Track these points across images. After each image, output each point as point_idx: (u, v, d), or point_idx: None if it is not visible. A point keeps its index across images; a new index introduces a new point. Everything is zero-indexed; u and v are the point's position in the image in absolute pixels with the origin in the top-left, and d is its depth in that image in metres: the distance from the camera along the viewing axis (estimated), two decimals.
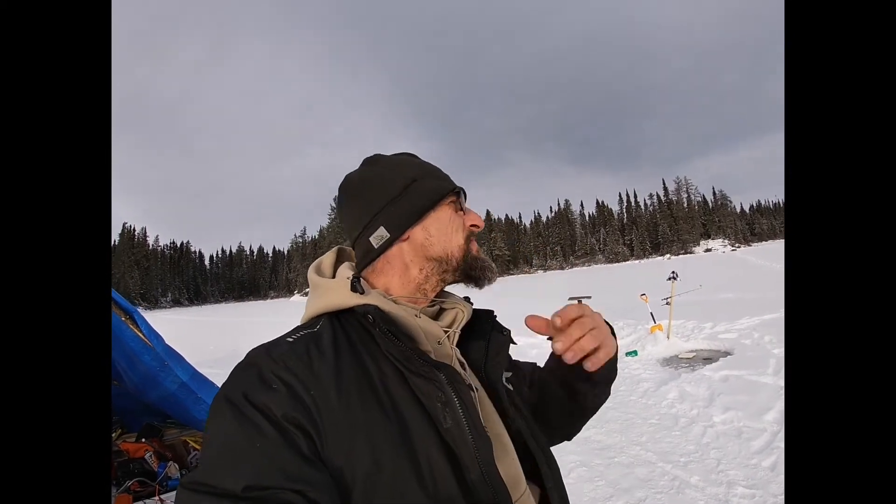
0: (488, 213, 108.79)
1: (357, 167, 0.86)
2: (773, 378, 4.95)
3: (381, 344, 0.65)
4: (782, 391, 4.37)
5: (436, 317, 0.78)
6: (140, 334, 2.71)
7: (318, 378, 0.59)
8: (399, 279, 0.77)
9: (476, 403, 0.67)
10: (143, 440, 2.79)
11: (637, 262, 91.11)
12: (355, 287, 0.72)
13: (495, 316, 0.83)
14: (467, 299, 0.85)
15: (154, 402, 3.00)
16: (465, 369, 0.73)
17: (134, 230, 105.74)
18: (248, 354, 0.63)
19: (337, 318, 0.71)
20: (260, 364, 0.60)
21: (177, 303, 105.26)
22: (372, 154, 0.88)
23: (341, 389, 0.59)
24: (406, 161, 0.86)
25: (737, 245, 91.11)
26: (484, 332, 0.79)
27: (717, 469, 3.33)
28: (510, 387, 0.78)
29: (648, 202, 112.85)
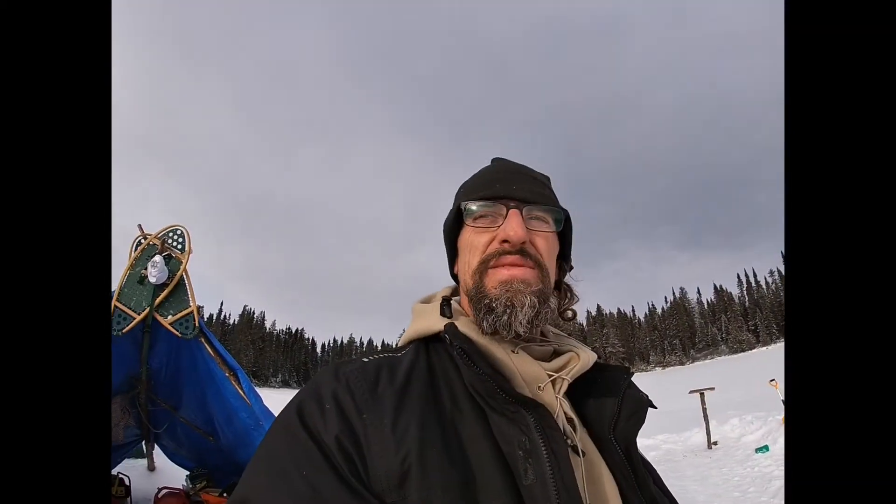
0: (599, 308, 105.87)
1: None
2: None
3: (463, 375, 0.57)
4: None
5: (547, 360, 0.65)
6: (241, 391, 2.98)
7: (378, 402, 0.53)
8: (470, 310, 0.67)
9: (576, 465, 0.54)
10: (225, 495, 2.93)
11: (764, 348, 79.35)
12: (444, 311, 0.66)
13: (632, 374, 0.67)
14: (595, 350, 0.71)
15: (245, 462, 3.17)
16: (573, 429, 0.60)
17: (254, 313, 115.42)
18: (320, 370, 0.60)
19: (426, 346, 0.65)
20: (322, 383, 0.56)
21: (286, 384, 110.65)
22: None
23: (399, 418, 0.52)
24: (472, 179, 0.75)
25: None
26: (615, 388, 0.64)
27: None
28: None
29: (770, 280, 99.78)
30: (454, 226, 0.71)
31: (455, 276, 0.75)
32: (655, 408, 0.67)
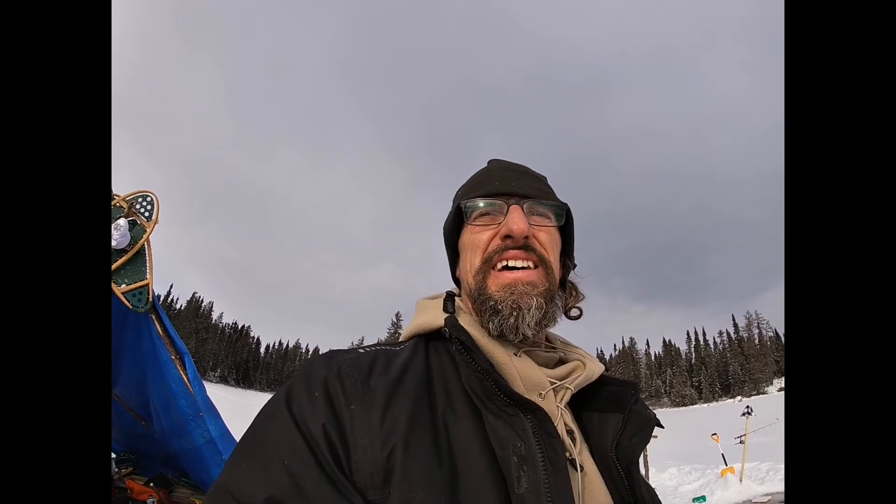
0: None
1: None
2: None
3: (461, 371, 0.55)
4: None
5: (551, 367, 0.63)
6: (185, 378, 2.79)
7: (369, 393, 0.52)
8: (474, 313, 0.65)
9: (573, 479, 0.51)
10: (152, 485, 2.71)
11: (706, 405, 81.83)
12: (447, 306, 0.63)
13: (639, 389, 0.64)
14: (602, 360, 0.69)
15: (176, 453, 2.92)
16: (573, 441, 0.57)
17: (202, 301, 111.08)
18: (314, 356, 0.57)
19: (426, 341, 0.63)
20: (314, 369, 0.54)
21: (223, 380, 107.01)
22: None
23: (389, 412, 0.50)
24: (470, 181, 0.74)
25: None
26: (621, 404, 0.61)
27: None
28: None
29: (718, 340, 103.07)
30: (454, 227, 0.69)
31: (457, 280, 0.74)
32: (662, 427, 0.64)
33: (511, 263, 0.62)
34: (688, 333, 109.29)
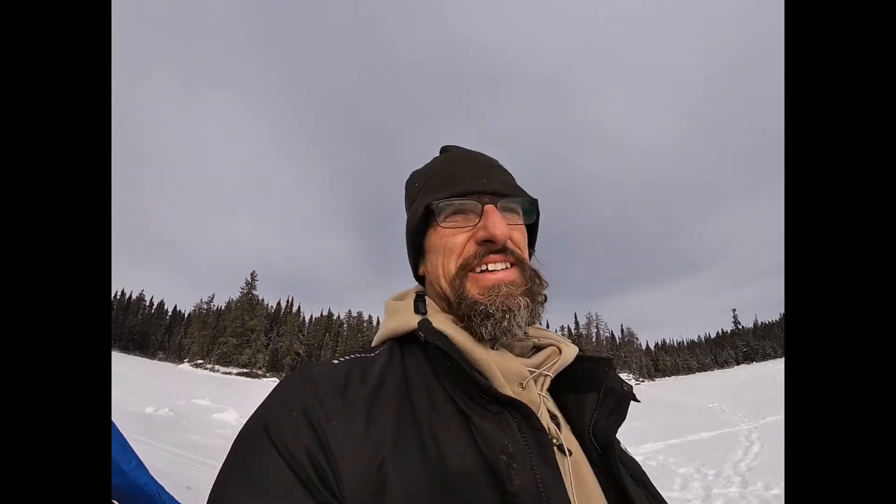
0: None
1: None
2: (679, 493, 5.14)
3: (440, 375, 0.54)
4: None
5: (528, 355, 0.62)
6: None
7: (348, 406, 0.50)
8: (443, 312, 0.64)
9: (562, 465, 0.51)
10: None
11: None
12: (418, 307, 0.62)
13: (613, 365, 0.63)
14: (575, 342, 0.68)
15: None
16: (558, 426, 0.57)
17: None
18: (287, 375, 0.55)
19: (400, 346, 0.61)
20: (287, 387, 0.53)
21: None
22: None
23: (372, 424, 0.49)
24: (426, 169, 0.72)
25: (641, 379, 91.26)
26: (595, 382, 0.60)
27: None
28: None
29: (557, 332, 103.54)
30: (420, 226, 0.66)
31: (419, 278, 0.72)
32: (638, 401, 0.62)
33: (490, 266, 0.61)
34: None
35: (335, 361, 0.56)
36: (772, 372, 31.54)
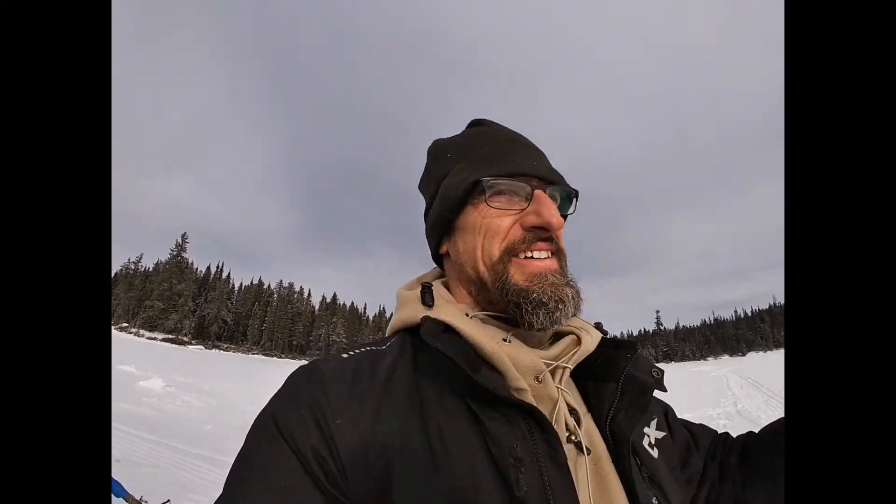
0: (335, 296, 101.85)
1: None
2: None
3: (448, 374, 0.52)
4: None
5: (545, 345, 0.59)
6: None
7: (357, 402, 0.49)
8: (466, 296, 0.62)
9: (577, 468, 0.50)
10: None
11: None
12: (424, 298, 0.60)
13: (637, 349, 0.59)
14: (598, 326, 0.65)
15: None
16: (577, 421, 0.54)
17: None
18: (296, 370, 0.54)
19: (412, 337, 0.58)
20: (298, 381, 0.52)
21: None
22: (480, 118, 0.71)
23: (379, 422, 0.49)
24: (456, 141, 0.67)
25: None
26: (615, 370, 0.57)
27: None
28: (654, 451, 0.58)
29: None
30: (460, 202, 0.61)
31: (438, 257, 0.68)
32: (665, 390, 0.59)
33: (536, 254, 0.57)
34: None
35: (344, 356, 0.55)
36: (691, 372, 33.02)
